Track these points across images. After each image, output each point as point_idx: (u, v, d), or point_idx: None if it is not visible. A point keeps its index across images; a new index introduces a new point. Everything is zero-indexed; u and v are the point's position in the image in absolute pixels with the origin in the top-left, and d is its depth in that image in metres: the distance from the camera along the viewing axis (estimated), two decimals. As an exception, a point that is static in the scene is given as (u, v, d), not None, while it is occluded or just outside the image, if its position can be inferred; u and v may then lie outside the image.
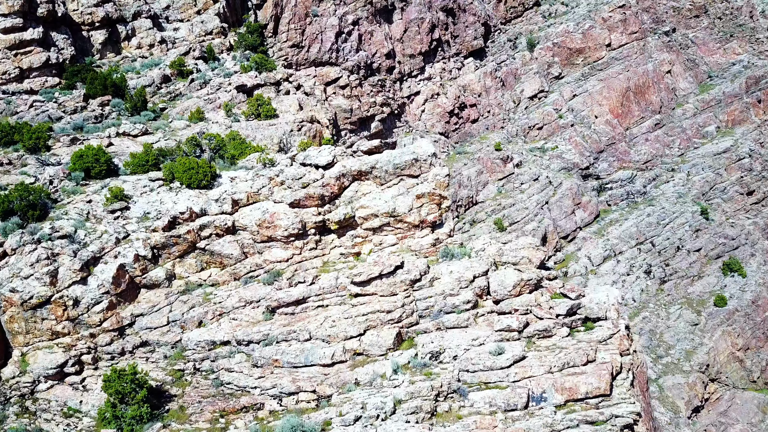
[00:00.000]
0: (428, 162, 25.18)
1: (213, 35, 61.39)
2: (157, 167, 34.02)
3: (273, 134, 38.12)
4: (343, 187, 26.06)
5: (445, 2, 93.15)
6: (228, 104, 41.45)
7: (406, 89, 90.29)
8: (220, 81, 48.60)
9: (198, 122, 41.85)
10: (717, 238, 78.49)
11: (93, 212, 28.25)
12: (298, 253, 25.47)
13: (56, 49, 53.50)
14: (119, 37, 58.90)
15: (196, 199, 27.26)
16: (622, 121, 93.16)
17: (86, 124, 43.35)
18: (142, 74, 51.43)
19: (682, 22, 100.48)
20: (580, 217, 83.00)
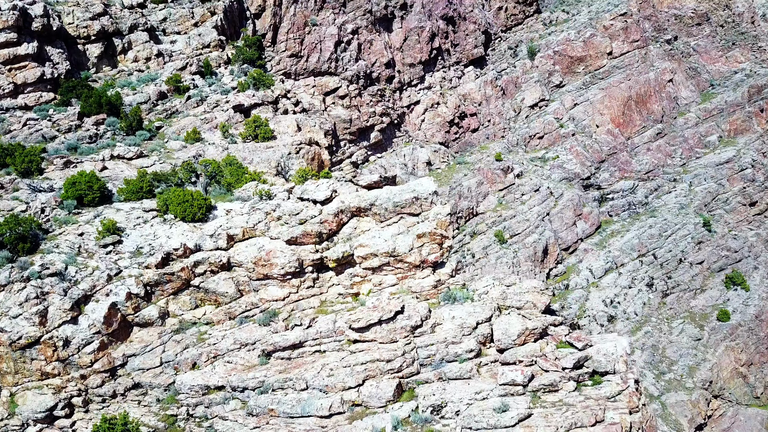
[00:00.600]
0: (429, 200, 24.43)
1: (210, 48, 60.61)
2: (151, 194, 33.26)
3: (270, 157, 37.37)
4: (342, 223, 25.32)
5: (445, 10, 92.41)
6: (225, 125, 40.68)
7: (406, 99, 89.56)
8: (217, 98, 47.82)
9: (194, 143, 41.08)
10: (719, 251, 77.79)
11: (85, 246, 27.49)
12: (295, 292, 24.73)
13: (51, 64, 52.67)
14: (115, 50, 58.09)
15: (191, 234, 26.51)
16: (623, 131, 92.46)
17: (80, 144, 42.60)
18: (138, 90, 50.64)
19: (684, 30, 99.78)
20: (582, 228, 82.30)
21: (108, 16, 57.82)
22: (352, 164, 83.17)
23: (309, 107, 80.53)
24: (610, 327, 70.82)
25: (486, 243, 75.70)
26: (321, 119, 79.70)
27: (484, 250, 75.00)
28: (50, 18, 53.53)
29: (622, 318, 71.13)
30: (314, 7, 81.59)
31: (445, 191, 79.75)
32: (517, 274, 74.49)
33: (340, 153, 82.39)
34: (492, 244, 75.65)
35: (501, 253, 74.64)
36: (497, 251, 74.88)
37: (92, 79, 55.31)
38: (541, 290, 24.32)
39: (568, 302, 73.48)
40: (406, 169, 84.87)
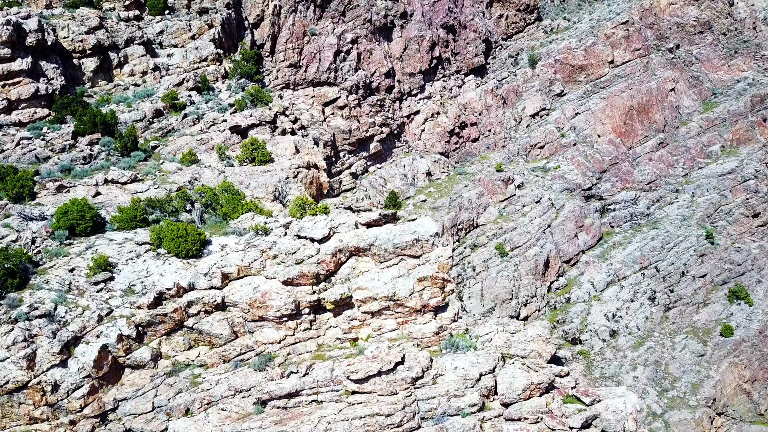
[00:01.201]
0: (430, 242, 23.65)
1: (208, 62, 59.82)
2: (145, 222, 32.49)
3: (268, 182, 36.55)
4: (340, 263, 24.53)
5: (445, 19, 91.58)
6: (221, 147, 39.86)
7: (406, 108, 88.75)
8: (214, 116, 47.00)
9: (190, 165, 40.27)
10: (722, 264, 76.99)
11: (75, 283, 26.69)
12: (291, 334, 23.94)
13: (45, 80, 51.90)
14: (111, 64, 57.30)
15: (184, 272, 25.71)
16: (625, 141, 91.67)
17: (74, 165, 41.83)
18: (134, 107, 49.83)
19: (686, 39, 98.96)
20: (583, 240, 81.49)
21: (104, 29, 57.02)
22: (352, 175, 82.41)
23: (308, 118, 79.79)
24: (612, 342, 70.05)
25: (487, 256, 74.85)
26: (320, 130, 79.04)
27: (485, 263, 74.16)
28: (45, 33, 52.75)
29: (624, 333, 70.32)
30: (313, 17, 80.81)
31: (446, 203, 78.96)
32: (518, 287, 73.72)
33: (339, 164, 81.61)
34: (493, 257, 74.81)
35: (502, 267, 73.82)
36: (498, 264, 74.04)
37: (88, 94, 54.54)
38: (546, 339, 23.50)
39: (570, 316, 72.67)
40: (405, 179, 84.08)
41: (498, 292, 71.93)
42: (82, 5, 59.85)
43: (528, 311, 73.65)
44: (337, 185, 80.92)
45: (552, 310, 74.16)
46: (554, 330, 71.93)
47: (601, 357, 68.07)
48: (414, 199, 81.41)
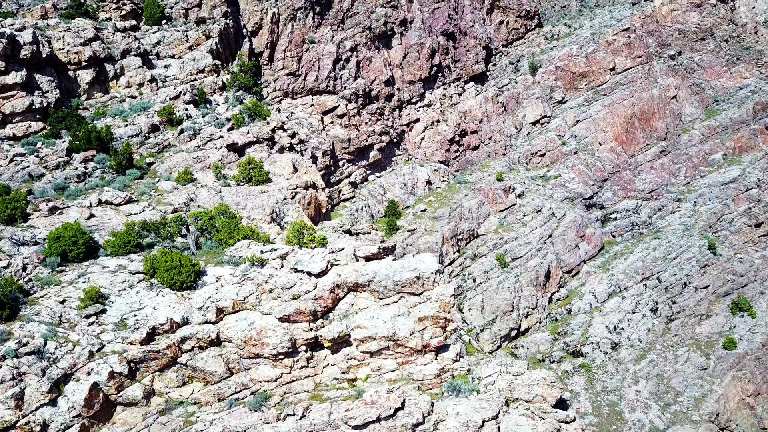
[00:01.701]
0: (431, 279, 22.91)
1: (205, 73, 59.10)
2: (139, 247, 31.79)
3: (265, 203, 35.81)
4: (338, 298, 23.81)
5: (445, 26, 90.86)
6: (218, 166, 39.12)
7: (406, 117, 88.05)
8: (210, 131, 46.24)
9: (186, 184, 39.53)
10: (725, 275, 76.28)
11: (66, 315, 25.95)
12: (288, 372, 23.20)
13: (40, 93, 51.13)
14: (107, 76, 56.54)
15: (178, 305, 24.97)
16: (626, 149, 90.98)
17: (68, 183, 41.09)
18: (130, 121, 49.06)
19: (688, 45, 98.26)
20: (584, 250, 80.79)
21: (100, 41, 56.26)
22: (351, 184, 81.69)
23: (307, 127, 79.07)
24: (614, 354, 69.34)
25: (487, 266, 74.14)
26: (319, 139, 78.31)
27: (486, 274, 73.44)
28: (40, 45, 51.96)
29: (626, 345, 69.62)
30: (312, 24, 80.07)
31: (446, 213, 78.27)
32: (518, 299, 72.99)
33: (338, 173, 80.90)
34: (493, 268, 74.10)
35: (502, 278, 73.10)
36: (498, 275, 73.33)
37: (83, 107, 53.80)
38: (551, 383, 22.76)
39: (571, 328, 71.96)
40: (405, 188, 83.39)
41: (498, 304, 71.22)
42: (78, 16, 59.13)
43: (529, 323, 72.96)
44: (336, 195, 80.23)
45: (553, 322, 73.43)
46: (555, 342, 71.24)
47: (603, 370, 67.35)
48: (414, 208, 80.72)
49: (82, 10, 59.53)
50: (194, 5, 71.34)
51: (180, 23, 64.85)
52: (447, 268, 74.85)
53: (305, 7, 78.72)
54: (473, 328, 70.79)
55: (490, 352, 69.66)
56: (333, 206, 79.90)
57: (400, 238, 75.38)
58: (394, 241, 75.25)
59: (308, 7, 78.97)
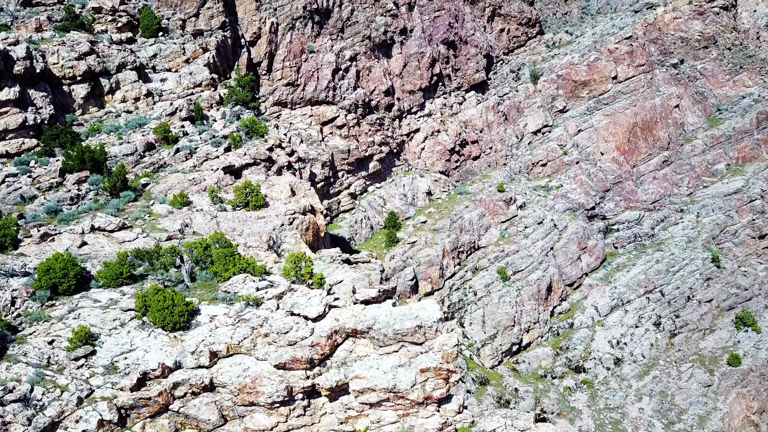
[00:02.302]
0: (434, 328, 22.01)
1: (202, 87, 58.19)
2: (132, 278, 30.90)
3: (262, 229, 34.89)
4: (336, 344, 22.90)
5: (446, 35, 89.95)
6: (213, 189, 38.19)
7: (406, 126, 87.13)
8: (207, 150, 45.31)
9: (182, 207, 38.61)
10: (729, 288, 75.40)
11: (55, 357, 25.03)
12: (284, 421, 22.30)
13: (34, 109, 50.20)
14: (102, 90, 55.62)
15: (170, 348, 24.06)
16: (628, 158, 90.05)
17: (61, 206, 40.18)
18: (125, 139, 48.14)
19: (691, 53, 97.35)
20: (586, 262, 79.87)
21: (95, 54, 55.32)
22: (350, 195, 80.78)
23: (306, 138, 78.13)
24: (617, 370, 68.47)
25: (488, 280, 73.24)
26: (318, 150, 77.36)
27: (487, 288, 72.56)
28: (33, 60, 51.00)
29: (629, 360, 68.72)
30: (311, 34, 79.17)
31: (446, 224, 77.38)
32: (520, 313, 72.10)
33: (337, 184, 79.97)
34: (494, 282, 73.21)
35: (504, 292, 72.20)
36: (500, 289, 72.43)
37: (78, 122, 52.89)
38: (560, 439, 21.88)
39: (573, 343, 71.07)
40: (405, 199, 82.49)
41: (500, 319, 70.30)
42: (73, 29, 58.17)
43: (530, 337, 72.07)
44: (335, 206, 79.32)
45: (555, 336, 72.55)
46: (557, 357, 70.35)
47: (606, 387, 66.47)
48: (414, 219, 79.82)
49: (78, 22, 58.52)
50: (192, 15, 70.49)
51: (177, 35, 63.92)
52: (447, 281, 73.97)
53: (304, 16, 77.85)
54: (474, 343, 69.92)
55: (491, 367, 68.80)
56: (332, 218, 79.01)
57: (400, 250, 74.48)
58: (393, 253, 74.37)
59: (307, 16, 78.09)
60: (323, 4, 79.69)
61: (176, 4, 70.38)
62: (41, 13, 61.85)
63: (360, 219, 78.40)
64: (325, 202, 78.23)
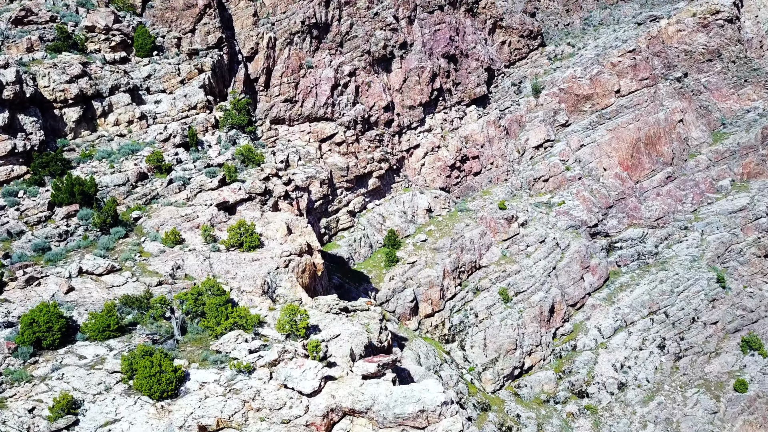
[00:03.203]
0: (437, 413, 20.65)
1: (197, 110, 56.72)
2: (120, 331, 29.52)
3: (256, 273, 33.57)
4: (332, 423, 21.50)
5: (446, 48, 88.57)
6: (206, 228, 36.82)
7: (405, 142, 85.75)
8: (201, 181, 43.90)
9: (174, 246, 37.20)
10: (735, 310, 74.10)
11: (35, 427, 23.63)
12: (278, 504, 20.98)
13: (23, 135, 48.70)
14: (95, 113, 54.09)
15: (156, 421, 22.66)
16: (632, 174, 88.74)
17: (49, 242, 38.78)
18: (117, 167, 46.70)
19: (695, 66, 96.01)
20: (589, 282, 78.53)
21: (87, 77, 53.79)
22: (349, 213, 79.40)
23: (304, 155, 76.75)
24: (621, 395, 67.13)
25: (490, 301, 71.91)
26: (317, 168, 75.96)
27: (488, 310, 71.21)
28: (23, 84, 49.48)
29: (633, 385, 67.41)
30: (309, 49, 77.81)
31: (447, 243, 76.03)
32: (522, 336, 70.75)
33: (336, 202, 78.60)
34: (496, 303, 71.87)
35: (506, 314, 70.86)
36: (501, 311, 71.09)
37: (69, 147, 51.40)
38: None
39: (576, 366, 69.73)
40: (405, 217, 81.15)
41: (502, 342, 68.95)
42: (65, 49, 56.62)
43: (533, 360, 70.73)
44: (334, 224, 77.98)
45: (557, 359, 71.22)
46: (560, 381, 69.02)
47: (610, 413, 65.18)
48: (414, 238, 78.50)
49: (70, 42, 57.00)
50: (188, 31, 69.13)
51: (172, 53, 62.46)
52: (448, 303, 72.64)
53: (302, 31, 76.52)
54: (475, 367, 68.57)
55: (492, 392, 67.45)
56: (330, 236, 77.65)
57: (400, 270, 73.16)
58: (392, 273, 73.02)
59: (305, 31, 76.76)
60: (322, 18, 78.35)
61: (172, 20, 68.96)
62: (33, 32, 60.23)
63: (359, 237, 77.07)
64: (324, 221, 76.92)
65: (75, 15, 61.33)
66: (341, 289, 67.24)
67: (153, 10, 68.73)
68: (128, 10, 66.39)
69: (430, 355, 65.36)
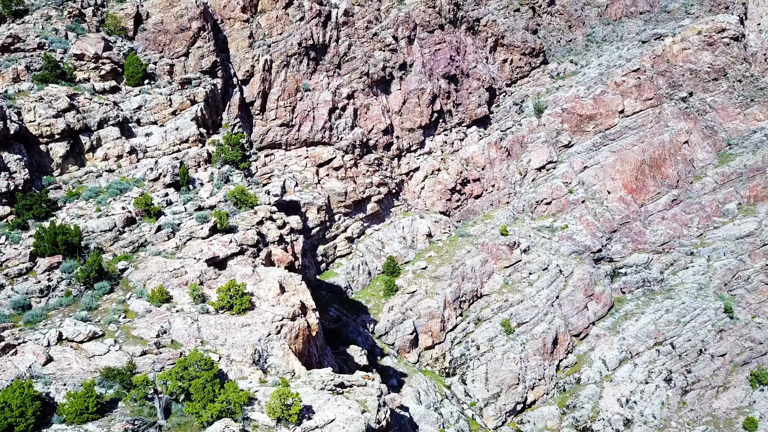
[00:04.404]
0: None
1: (189, 143, 54.80)
2: (100, 412, 27.55)
3: (247, 340, 31.60)
4: None
5: (447, 68, 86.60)
6: (195, 287, 34.83)
7: (405, 165, 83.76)
8: (191, 227, 41.85)
9: (161, 304, 35.17)
10: (743, 341, 72.19)
11: None
12: None
13: (7, 174, 46.74)
14: (83, 148, 52.11)
15: None
16: (636, 197, 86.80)
17: (30, 298, 36.88)
18: (104, 211, 44.66)
19: (700, 86, 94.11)
20: (593, 310, 76.57)
21: (75, 110, 51.73)
22: (347, 239, 77.40)
23: (301, 181, 74.80)
24: (627, 432, 65.20)
25: (492, 333, 69.92)
26: (314, 194, 74.06)
27: (490, 342, 69.23)
28: (8, 120, 47.50)
29: (639, 422, 65.46)
30: (307, 71, 75.85)
31: (447, 272, 74.04)
32: (524, 370, 68.77)
33: (334, 228, 76.63)
34: (498, 335, 69.88)
35: (508, 346, 68.87)
36: (503, 344, 69.10)
37: (56, 185, 49.40)
38: None
39: (580, 401, 67.77)
40: (404, 242, 79.16)
41: (504, 377, 66.97)
42: (53, 79, 54.59)
43: (536, 395, 68.74)
44: (331, 251, 76.00)
45: (561, 393, 69.25)
46: (564, 416, 67.05)
47: (615, 452, 63.24)
48: (414, 265, 76.50)
49: (58, 72, 55.02)
50: (181, 54, 67.36)
51: (164, 81, 60.45)
52: (449, 334, 70.66)
53: (299, 53, 74.57)
54: (476, 402, 66.60)
55: (494, 428, 65.49)
56: (328, 264, 75.67)
57: (399, 301, 71.18)
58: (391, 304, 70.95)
59: (302, 52, 74.81)
60: (319, 40, 76.42)
61: (165, 44, 67.09)
62: (20, 60, 58.18)
63: (357, 265, 75.09)
64: (321, 248, 74.97)
65: (64, 41, 59.33)
66: (338, 322, 65.24)
67: (145, 33, 66.86)
68: (120, 33, 64.47)
69: (431, 391, 63.40)
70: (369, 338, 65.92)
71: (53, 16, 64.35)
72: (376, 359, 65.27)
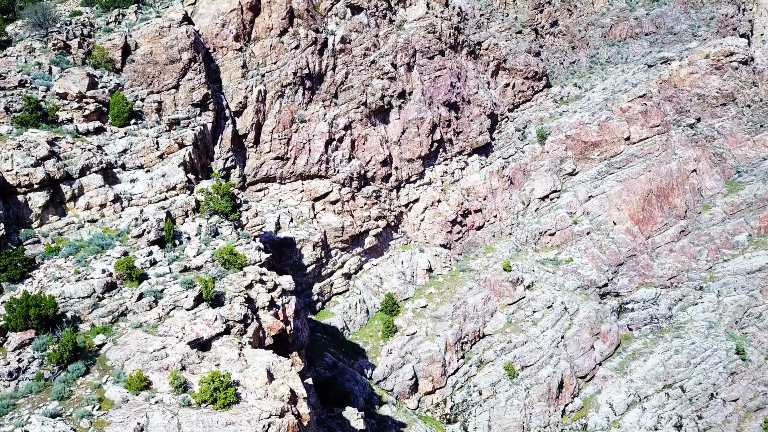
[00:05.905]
0: None
1: (176, 191, 51.80)
2: None
3: (232, 441, 28.83)
4: None
5: (447, 96, 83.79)
6: (176, 375, 32.02)
7: (404, 197, 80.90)
8: (175, 295, 38.97)
9: (139, 393, 32.28)
10: (756, 385, 69.42)
11: None
12: None
13: (-19, 230, 43.79)
14: (63, 197, 49.11)
15: None
16: (643, 229, 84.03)
17: (-2, 381, 33.91)
18: (83, 273, 41.78)
19: (708, 111, 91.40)
20: (600, 350, 73.74)
21: (55, 158, 48.78)
22: (344, 276, 74.51)
23: (296, 216, 72.00)
24: (636, 485, 62.41)
25: (495, 377, 67.09)
26: (309, 230, 71.25)
27: (493, 387, 66.42)
28: (-18, 172, 44.76)
29: (649, 474, 62.73)
30: (302, 101, 72.98)
31: (449, 311, 71.23)
32: (529, 417, 65.94)
33: (330, 264, 73.76)
34: (501, 380, 67.07)
35: (511, 392, 66.06)
36: (507, 389, 66.28)
37: (34, 239, 46.52)
38: None
39: (587, 449, 64.99)
40: (404, 277, 76.30)
41: (507, 425, 64.16)
42: (33, 122, 51.69)
43: (540, 443, 65.94)
44: (327, 289, 73.09)
45: None
46: (570, 466, 64.24)
47: (625, 507, 60.53)
48: (413, 302, 73.64)
49: (38, 114, 52.12)
50: (171, 87, 64.74)
51: (152, 120, 57.57)
52: (450, 378, 67.81)
53: (294, 82, 71.74)
54: (479, 452, 63.76)
55: (497, 480, 62.66)
56: (324, 302, 72.78)
57: (398, 343, 68.31)
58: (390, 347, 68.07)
59: (298, 82, 71.99)
60: (315, 68, 73.57)
61: (153, 76, 64.47)
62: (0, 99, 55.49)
63: (354, 303, 72.21)
64: (317, 286, 72.09)
65: (47, 76, 56.48)
66: (334, 369, 62.39)
67: (133, 65, 64.19)
68: (107, 66, 61.64)
69: (431, 442, 60.62)
70: (367, 386, 63.10)
71: (37, 48, 61.65)
72: (374, 408, 62.45)
